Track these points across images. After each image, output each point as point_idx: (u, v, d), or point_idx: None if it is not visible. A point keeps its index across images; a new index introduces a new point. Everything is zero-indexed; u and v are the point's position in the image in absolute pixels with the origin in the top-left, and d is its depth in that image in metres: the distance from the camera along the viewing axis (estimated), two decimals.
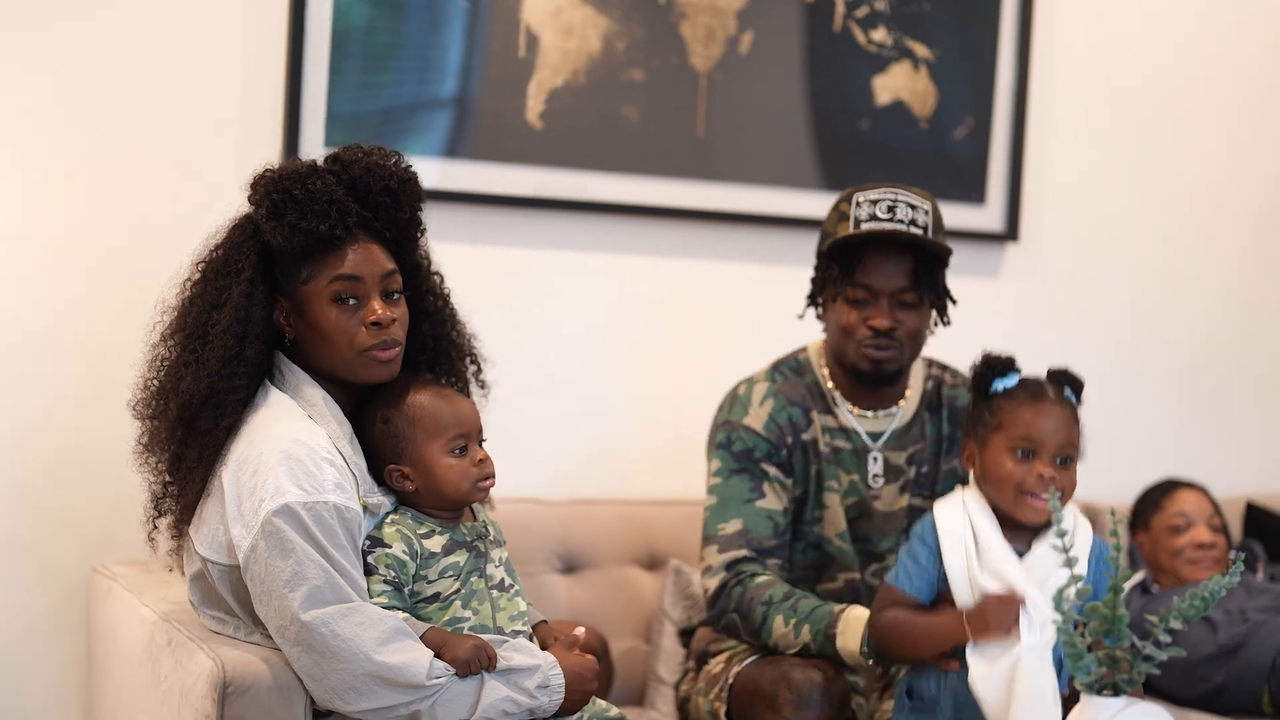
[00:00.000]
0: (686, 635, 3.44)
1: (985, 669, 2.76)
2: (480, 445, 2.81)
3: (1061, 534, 2.59)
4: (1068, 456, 2.84)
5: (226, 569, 2.73)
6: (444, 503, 2.79)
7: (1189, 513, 4.11)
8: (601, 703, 2.84)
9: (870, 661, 2.96)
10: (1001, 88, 4.31)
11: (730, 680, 3.10)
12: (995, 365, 2.89)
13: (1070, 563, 2.56)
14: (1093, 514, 4.17)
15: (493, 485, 2.82)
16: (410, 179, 2.85)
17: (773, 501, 3.21)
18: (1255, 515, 4.41)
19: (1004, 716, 2.73)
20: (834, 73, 4.11)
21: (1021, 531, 2.86)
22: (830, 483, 3.25)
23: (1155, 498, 4.19)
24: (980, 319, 4.37)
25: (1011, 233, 4.36)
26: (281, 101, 3.58)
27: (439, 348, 2.97)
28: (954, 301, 3.29)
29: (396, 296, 2.81)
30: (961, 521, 2.85)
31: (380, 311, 2.75)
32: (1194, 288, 4.70)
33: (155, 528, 2.86)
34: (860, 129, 4.15)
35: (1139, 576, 4.07)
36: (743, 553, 3.17)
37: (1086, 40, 4.49)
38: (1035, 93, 4.38)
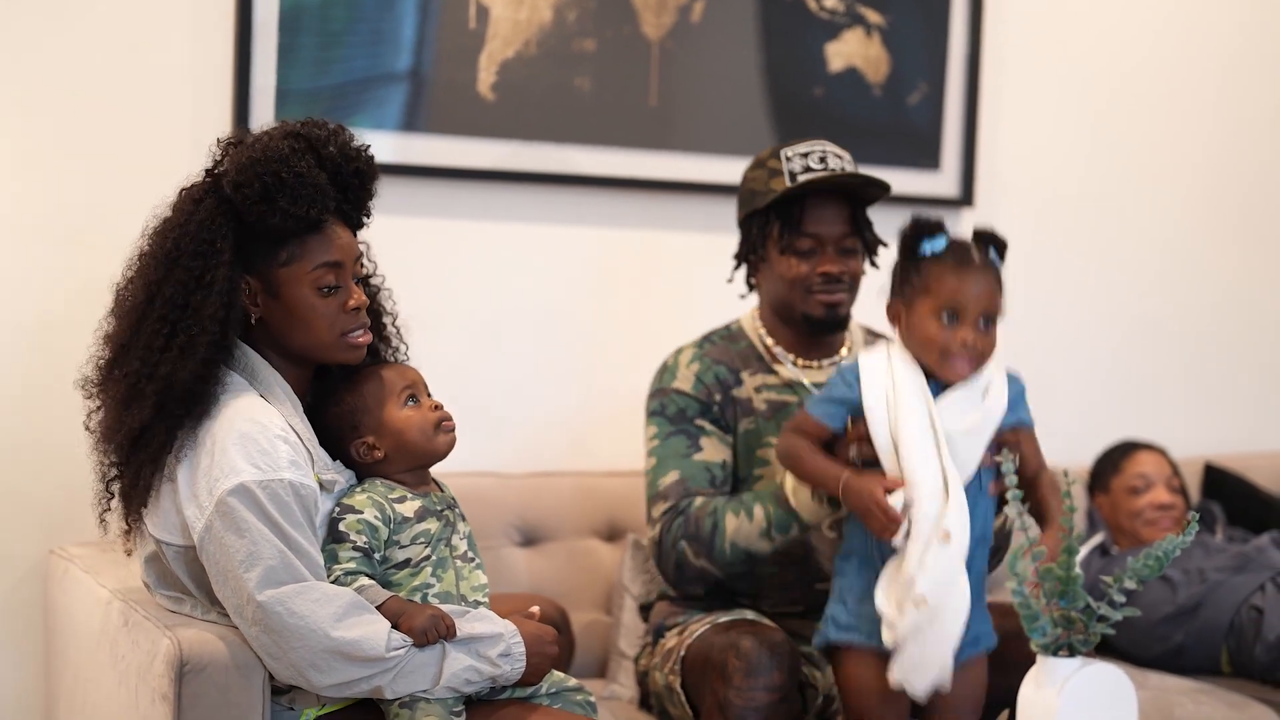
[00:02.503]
0: (646, 610, 3.44)
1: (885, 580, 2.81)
2: (428, 394, 2.85)
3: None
4: (990, 318, 2.86)
5: (182, 550, 2.71)
6: (415, 458, 2.81)
7: (1148, 474, 4.13)
8: (559, 674, 2.84)
9: (819, 494, 3.00)
10: (955, 53, 4.31)
11: (682, 653, 3.11)
12: (924, 228, 2.88)
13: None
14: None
15: (454, 427, 2.84)
16: (371, 159, 2.85)
17: (710, 454, 3.24)
18: (1214, 476, 4.44)
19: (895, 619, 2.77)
20: (786, 40, 4.10)
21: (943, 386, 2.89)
22: (770, 438, 3.26)
23: (1114, 459, 4.21)
24: None
25: (967, 198, 4.36)
26: (230, 78, 3.55)
27: (378, 325, 2.98)
28: (884, 244, 3.35)
29: (361, 280, 2.83)
30: (884, 370, 2.87)
31: (359, 297, 2.77)
32: (1150, 250, 4.72)
33: (108, 509, 2.83)
34: (814, 96, 4.14)
35: (1098, 539, 4.08)
36: (679, 498, 3.20)
37: (1039, 3, 4.49)
38: (988, 57, 4.39)
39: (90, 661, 2.97)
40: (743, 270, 3.40)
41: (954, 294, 2.82)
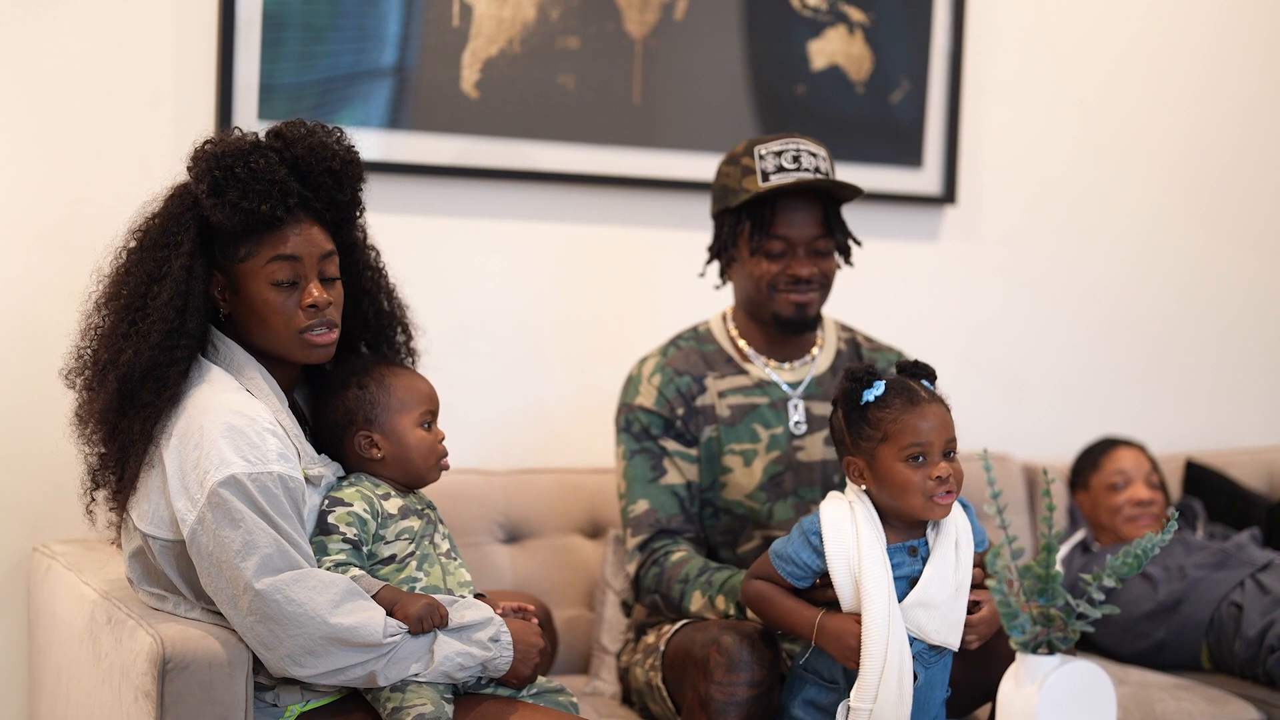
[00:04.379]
0: (628, 606, 3.45)
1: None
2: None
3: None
4: (952, 450, 2.86)
5: (169, 544, 2.72)
6: (407, 475, 2.85)
7: (1127, 470, 4.15)
8: (542, 679, 2.86)
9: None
10: (937, 51, 4.32)
11: (663, 648, 3.13)
12: (858, 378, 2.87)
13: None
14: (1032, 475, 4.22)
15: (449, 466, 2.90)
16: (353, 159, 2.85)
17: (675, 477, 3.28)
18: (1195, 473, 4.45)
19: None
20: (770, 38, 4.10)
21: (913, 528, 2.89)
22: (731, 446, 3.29)
23: (1094, 456, 4.22)
24: (919, 282, 4.40)
25: (949, 195, 4.37)
26: (214, 74, 3.55)
27: (379, 322, 3.00)
28: (858, 243, 3.37)
29: (334, 279, 2.82)
30: (850, 530, 2.85)
31: (317, 294, 2.75)
32: (1131, 248, 4.73)
33: (93, 500, 2.84)
34: (796, 94, 4.15)
35: (1079, 536, 4.10)
36: (653, 533, 3.25)
37: (1021, 1, 4.50)
38: (971, 55, 4.39)
39: (73, 659, 2.98)
40: (715, 264, 3.42)
41: (915, 434, 2.82)
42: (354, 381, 2.85)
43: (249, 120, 3.53)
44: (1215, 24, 4.80)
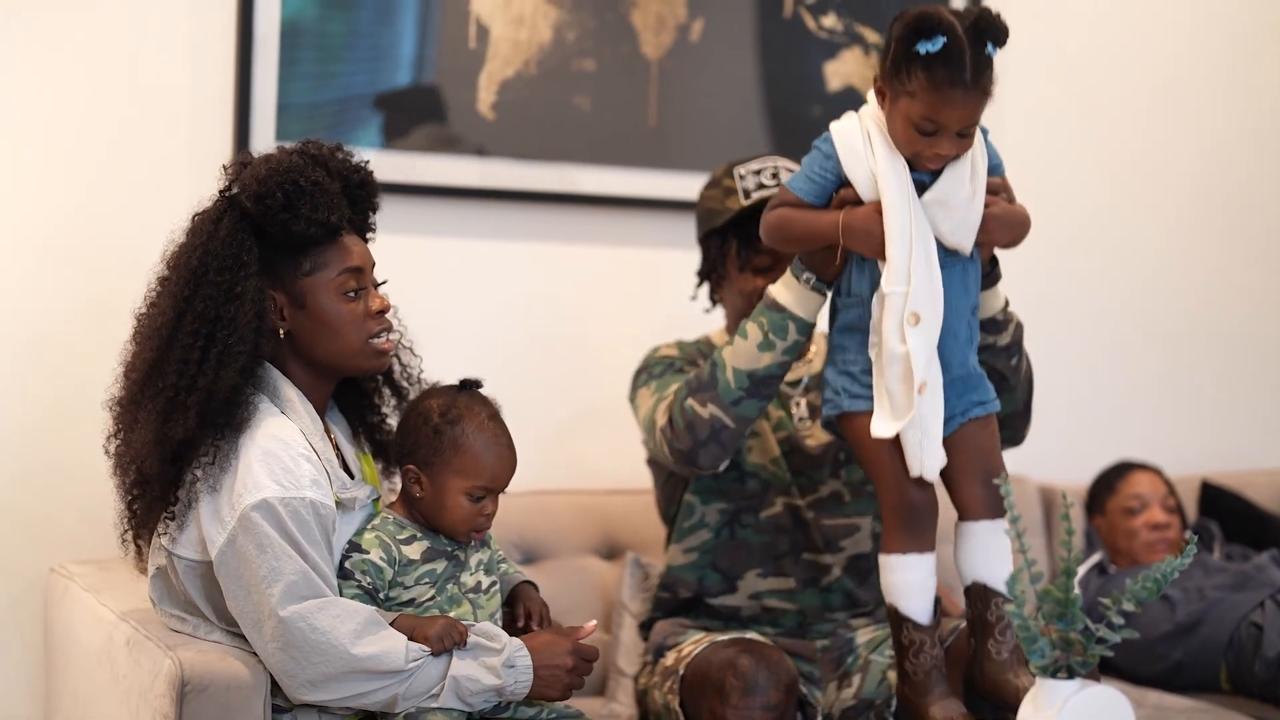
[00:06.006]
0: (646, 628, 3.45)
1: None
2: (496, 497, 2.82)
3: None
4: (969, 130, 2.81)
5: (194, 564, 2.72)
6: (439, 526, 2.80)
7: (1143, 494, 4.14)
8: (559, 704, 2.84)
9: (806, 279, 2.96)
10: None
11: (681, 671, 3.12)
12: (920, 26, 2.73)
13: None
14: (1049, 496, 4.22)
15: (484, 536, 2.85)
16: (371, 175, 2.91)
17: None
18: (1211, 494, 4.44)
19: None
20: (785, 59, 4.11)
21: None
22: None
23: (1109, 480, 4.22)
24: None
25: None
26: (232, 93, 3.56)
27: None
28: None
29: (379, 284, 2.87)
30: (862, 141, 2.83)
31: (382, 301, 2.81)
32: (1145, 267, 4.72)
33: (129, 529, 2.82)
34: (812, 115, 4.15)
35: (1096, 558, 4.09)
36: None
37: (1033, 21, 4.49)
38: None
39: (90, 680, 2.98)
40: (705, 288, 3.45)
41: (937, 112, 2.75)
42: (436, 416, 2.80)
43: (267, 139, 3.54)
44: (1233, 47, 4.80)
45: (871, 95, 2.88)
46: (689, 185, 4.00)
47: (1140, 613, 3.80)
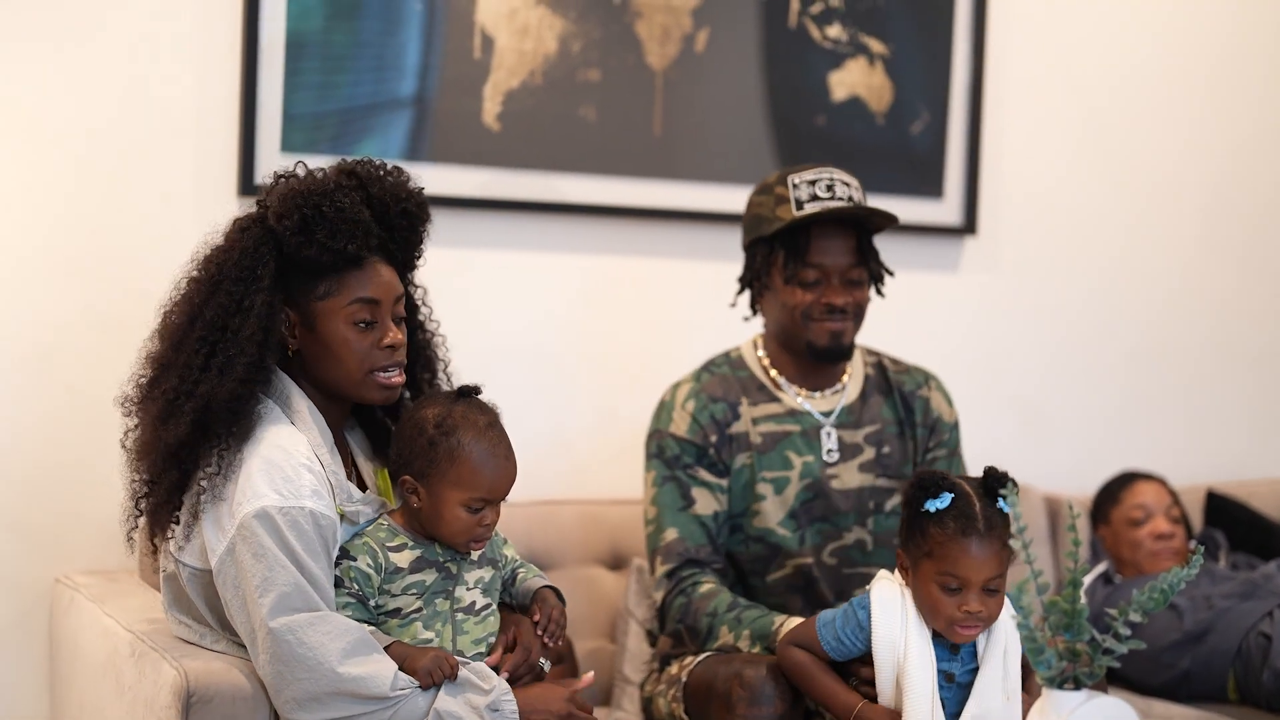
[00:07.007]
0: (653, 635, 3.45)
1: None
2: (496, 507, 2.79)
3: None
4: (996, 586, 2.81)
5: (197, 572, 2.73)
6: (436, 536, 2.78)
7: (1147, 504, 4.14)
8: None
9: None
10: (957, 82, 4.32)
11: (686, 680, 3.12)
12: (927, 486, 2.82)
13: None
14: (1054, 506, 4.21)
15: (481, 549, 2.81)
16: (423, 202, 2.89)
17: (704, 506, 3.26)
18: (1216, 503, 4.44)
19: None
20: (790, 69, 4.11)
21: None
22: (764, 474, 3.28)
23: (1114, 491, 4.21)
24: (939, 313, 4.40)
25: (970, 226, 4.37)
26: (237, 103, 3.56)
27: (426, 362, 3.00)
28: (890, 273, 3.36)
29: (402, 319, 2.84)
30: (899, 615, 2.85)
31: (394, 335, 2.78)
32: (1152, 279, 4.72)
33: (135, 526, 2.82)
34: (817, 125, 4.15)
35: (1101, 567, 4.09)
36: (681, 562, 3.23)
37: (1042, 33, 4.50)
38: (991, 86, 4.40)
39: (96, 690, 2.98)
40: (746, 294, 3.42)
41: (956, 565, 2.78)
42: (433, 427, 2.75)
43: (272, 149, 3.55)
44: (1242, 55, 4.79)
45: (896, 574, 2.91)
46: (694, 195, 4.01)
47: (1147, 621, 3.81)
